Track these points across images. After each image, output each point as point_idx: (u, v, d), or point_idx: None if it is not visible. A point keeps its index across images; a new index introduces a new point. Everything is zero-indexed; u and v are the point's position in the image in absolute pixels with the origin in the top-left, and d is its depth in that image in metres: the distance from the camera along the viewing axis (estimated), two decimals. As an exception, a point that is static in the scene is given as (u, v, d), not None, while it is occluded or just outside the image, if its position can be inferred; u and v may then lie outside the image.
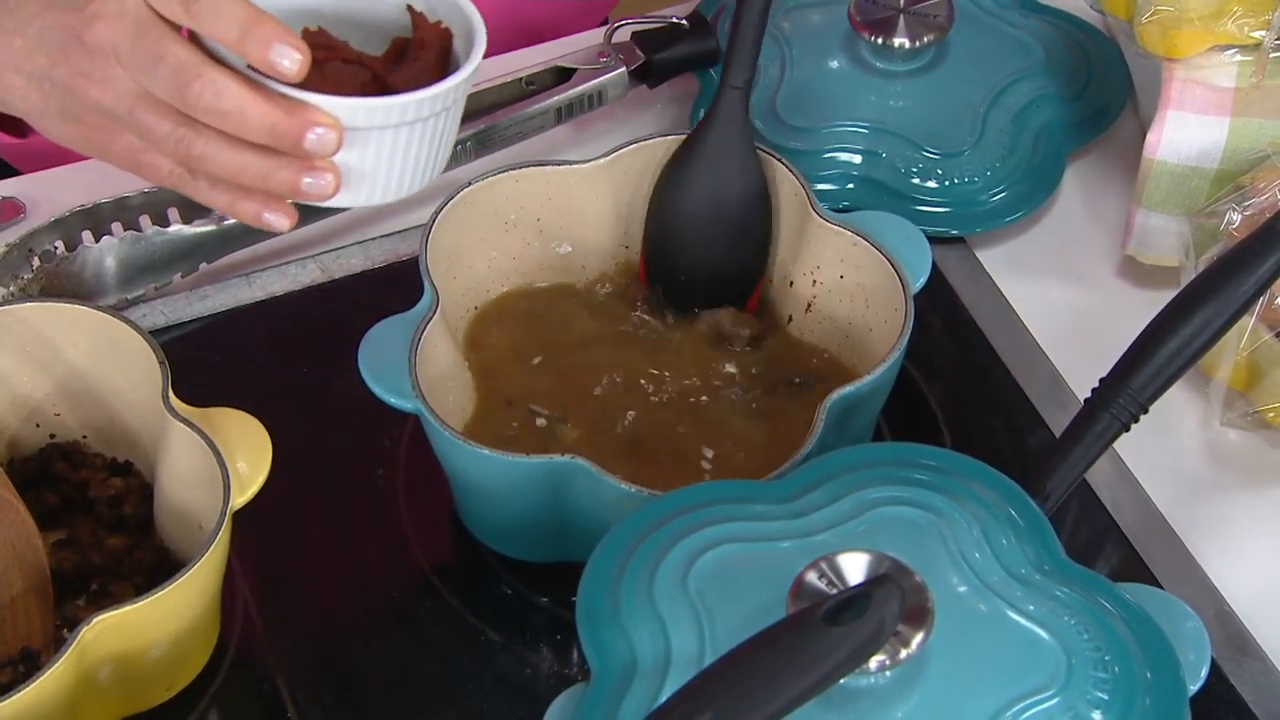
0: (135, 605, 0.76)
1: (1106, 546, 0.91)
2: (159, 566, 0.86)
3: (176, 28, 0.72)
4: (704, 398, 0.92)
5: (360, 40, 0.78)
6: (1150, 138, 0.96)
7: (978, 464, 0.79)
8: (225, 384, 0.96)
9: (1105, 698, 0.70)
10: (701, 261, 0.94)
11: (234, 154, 0.72)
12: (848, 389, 0.84)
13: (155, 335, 0.87)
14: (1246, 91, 0.95)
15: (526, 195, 0.93)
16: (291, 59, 0.70)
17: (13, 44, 0.73)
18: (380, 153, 0.74)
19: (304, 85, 0.72)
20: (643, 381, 0.93)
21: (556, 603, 0.88)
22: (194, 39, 0.72)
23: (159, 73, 0.70)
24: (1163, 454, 0.93)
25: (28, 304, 0.86)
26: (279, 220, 0.74)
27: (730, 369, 0.94)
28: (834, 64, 1.05)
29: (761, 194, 0.93)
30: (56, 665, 0.74)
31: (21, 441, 0.90)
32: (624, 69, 1.06)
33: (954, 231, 1.02)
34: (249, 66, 0.72)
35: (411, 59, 0.77)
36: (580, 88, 1.05)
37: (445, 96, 0.75)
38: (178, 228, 0.98)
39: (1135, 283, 1.01)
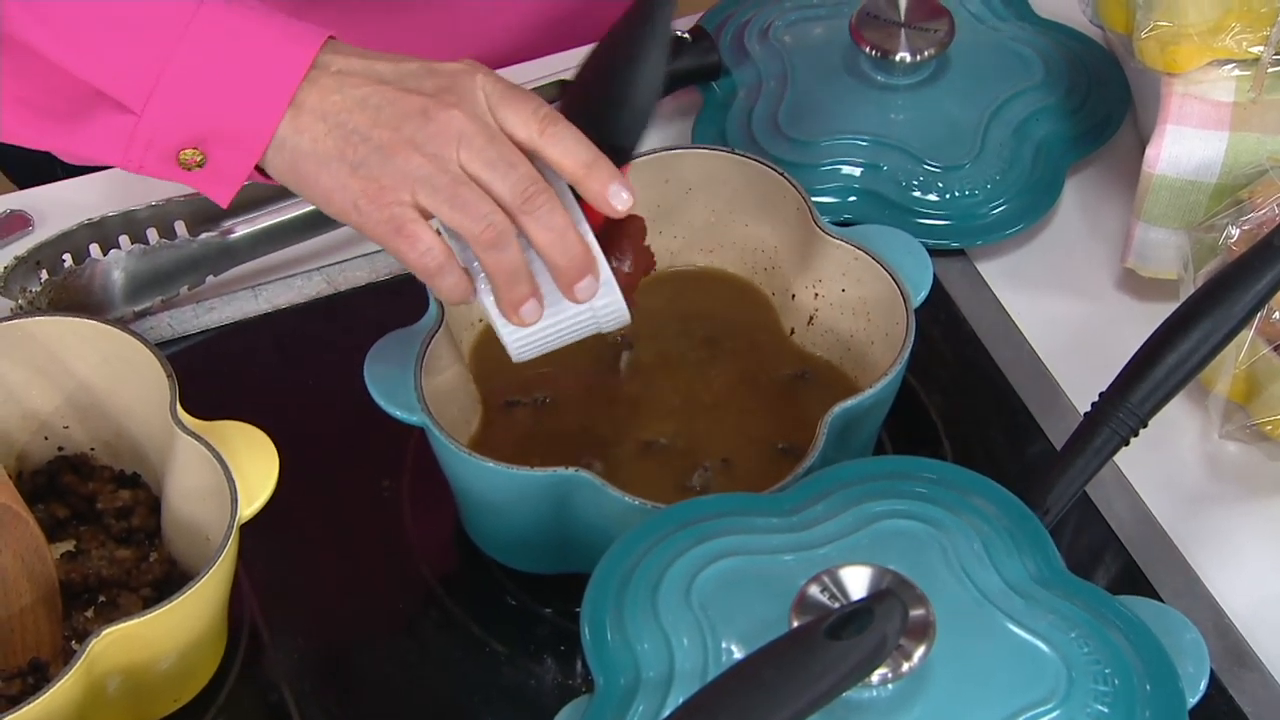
0: (144, 618, 0.77)
1: (1106, 558, 0.91)
2: (167, 578, 0.86)
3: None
4: (707, 409, 0.93)
5: None
6: (1149, 152, 0.97)
7: (978, 477, 0.80)
8: (231, 396, 0.97)
9: (1105, 710, 0.71)
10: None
11: (517, 253, 0.78)
12: (849, 402, 0.85)
13: (162, 348, 0.88)
14: (1245, 106, 0.96)
15: (531, 209, 0.93)
16: (623, 200, 0.79)
17: (329, 97, 0.79)
18: (558, 317, 0.81)
19: None
20: (647, 394, 0.93)
21: (561, 614, 0.89)
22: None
23: (510, 176, 0.78)
24: (1162, 466, 0.93)
25: (36, 318, 0.87)
26: (466, 298, 0.81)
27: (732, 379, 0.94)
28: (835, 77, 1.06)
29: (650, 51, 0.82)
30: (66, 677, 0.75)
31: (30, 454, 0.90)
32: (627, 83, 1.06)
33: (955, 244, 1.03)
34: None
35: None
36: (583, 101, 1.06)
37: (620, 320, 0.83)
38: (184, 240, 0.99)
39: (1135, 295, 1.01)
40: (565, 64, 1.08)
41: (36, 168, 1.15)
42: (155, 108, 0.79)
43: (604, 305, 0.82)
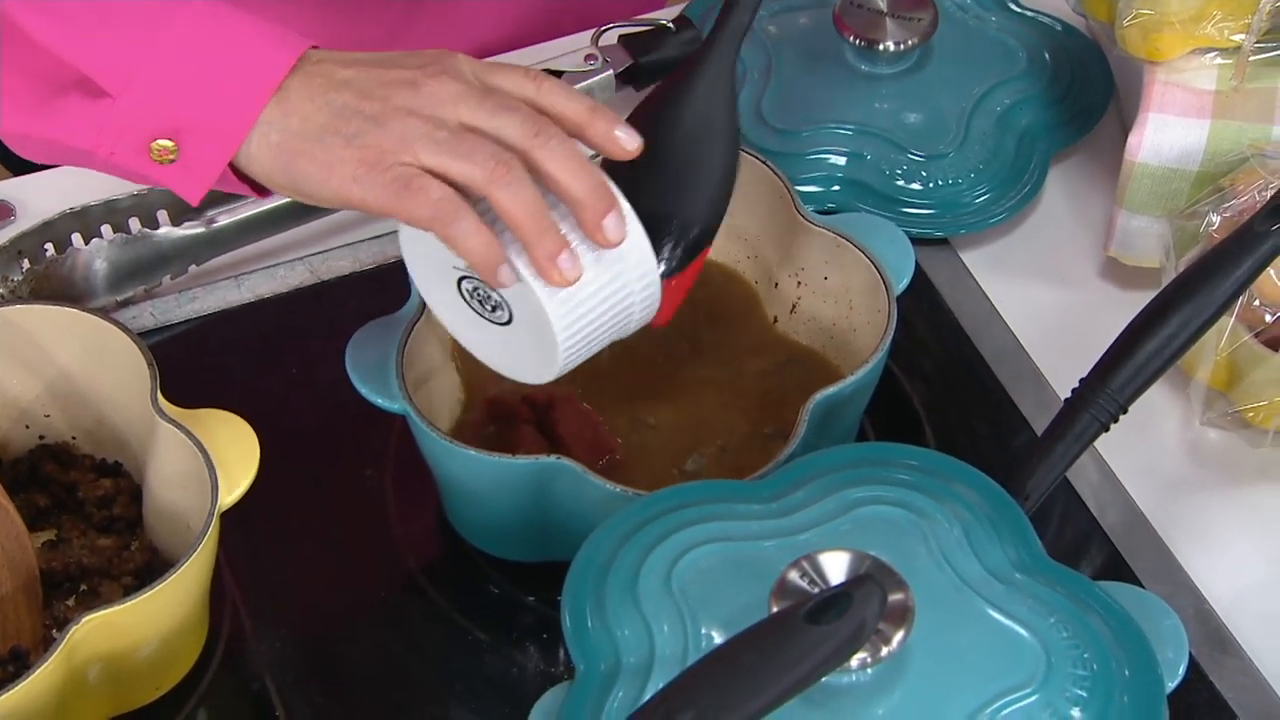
0: (124, 605, 0.77)
1: (1089, 545, 0.91)
2: (148, 566, 0.86)
3: None
4: (688, 396, 0.93)
5: None
6: (1131, 140, 0.97)
7: (959, 464, 0.80)
8: (213, 385, 0.97)
9: (1084, 695, 0.71)
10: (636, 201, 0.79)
11: (535, 190, 0.76)
12: (831, 389, 0.85)
13: (144, 337, 0.88)
14: (1226, 94, 0.96)
15: (513, 197, 0.93)
16: (632, 141, 0.77)
17: (314, 81, 0.79)
18: (599, 290, 0.78)
19: None
20: (630, 382, 0.94)
21: (543, 602, 0.89)
22: None
23: (513, 118, 0.76)
24: (1144, 453, 0.93)
25: (17, 306, 0.87)
26: (497, 265, 0.77)
27: (715, 367, 0.94)
28: (819, 66, 1.06)
29: (724, 133, 0.83)
30: (46, 665, 0.75)
31: (11, 443, 0.90)
32: (611, 72, 1.06)
33: (938, 233, 1.03)
34: None
35: None
36: (567, 90, 1.05)
37: (652, 307, 0.80)
38: (167, 230, 0.99)
39: (1117, 283, 1.02)
40: (549, 54, 1.08)
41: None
42: (134, 92, 0.79)
43: (635, 264, 0.78)
